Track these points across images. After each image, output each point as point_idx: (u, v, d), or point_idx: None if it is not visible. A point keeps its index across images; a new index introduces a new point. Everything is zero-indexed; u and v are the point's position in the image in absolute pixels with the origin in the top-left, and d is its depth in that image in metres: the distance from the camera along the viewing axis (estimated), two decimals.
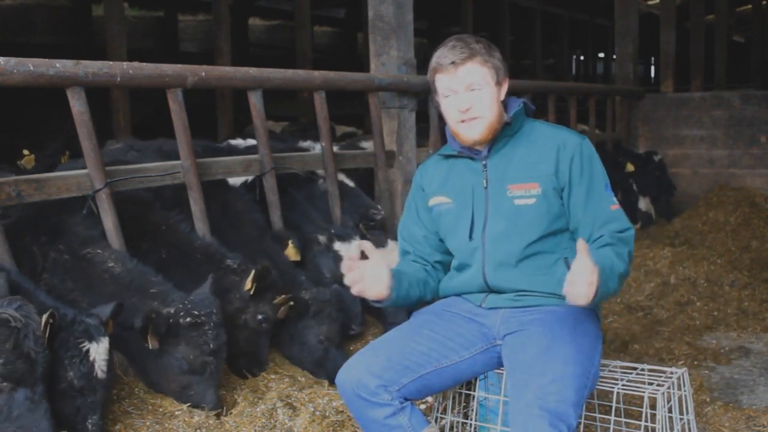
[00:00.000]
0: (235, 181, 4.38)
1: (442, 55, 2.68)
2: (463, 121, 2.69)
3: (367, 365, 2.54)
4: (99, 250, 3.40)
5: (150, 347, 3.11)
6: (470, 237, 2.74)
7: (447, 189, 2.82)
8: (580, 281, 2.33)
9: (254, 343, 3.63)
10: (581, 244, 2.34)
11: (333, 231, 4.20)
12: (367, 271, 2.57)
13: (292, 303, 3.64)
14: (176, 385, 3.23)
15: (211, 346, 3.18)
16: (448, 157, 2.87)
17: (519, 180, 2.70)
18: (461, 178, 2.80)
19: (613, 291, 2.51)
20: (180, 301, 3.21)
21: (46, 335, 2.65)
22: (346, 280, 2.57)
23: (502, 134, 2.74)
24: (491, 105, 2.68)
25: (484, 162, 2.76)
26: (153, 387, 3.31)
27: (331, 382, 3.68)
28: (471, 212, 2.75)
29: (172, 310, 3.15)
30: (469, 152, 2.78)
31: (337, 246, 4.13)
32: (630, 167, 7.80)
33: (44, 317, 2.67)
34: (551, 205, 2.68)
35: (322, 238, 4.12)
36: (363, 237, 4.25)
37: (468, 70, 2.65)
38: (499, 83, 2.71)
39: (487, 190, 2.74)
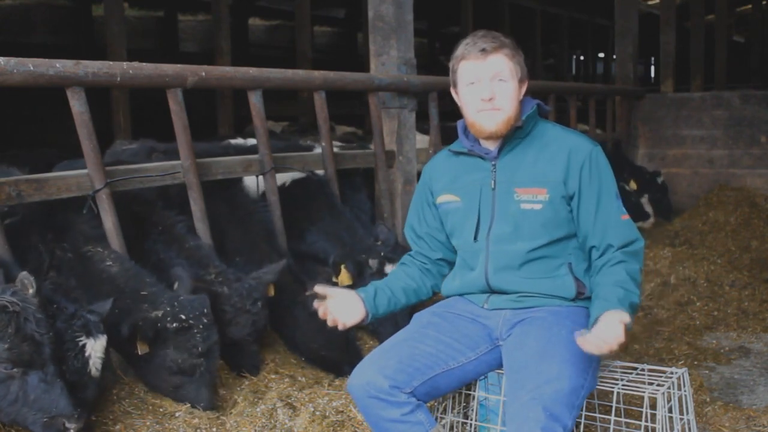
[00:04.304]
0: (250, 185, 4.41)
1: (471, 43, 2.65)
2: (483, 111, 2.65)
3: (379, 368, 2.54)
4: (99, 249, 3.41)
5: (139, 353, 3.11)
6: (475, 238, 2.73)
7: (455, 187, 2.81)
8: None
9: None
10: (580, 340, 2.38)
11: (383, 254, 4.12)
12: (332, 304, 2.72)
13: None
14: (168, 385, 3.24)
15: (200, 348, 3.18)
16: (457, 153, 2.84)
17: (527, 184, 2.67)
18: (470, 177, 2.78)
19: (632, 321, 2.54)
20: (168, 303, 3.20)
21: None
22: (321, 317, 2.74)
23: (513, 135, 2.71)
24: (513, 99, 2.65)
25: (493, 162, 2.73)
26: (149, 387, 3.32)
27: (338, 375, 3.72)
28: (477, 213, 2.74)
29: (160, 314, 3.15)
30: (479, 151, 2.75)
31: (388, 269, 4.04)
32: (633, 185, 7.80)
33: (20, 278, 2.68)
34: (557, 212, 2.66)
35: (373, 262, 4.06)
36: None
37: (497, 59, 2.62)
38: (521, 81, 2.69)
39: (495, 192, 2.72)
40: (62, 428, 2.63)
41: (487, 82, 2.63)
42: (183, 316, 3.17)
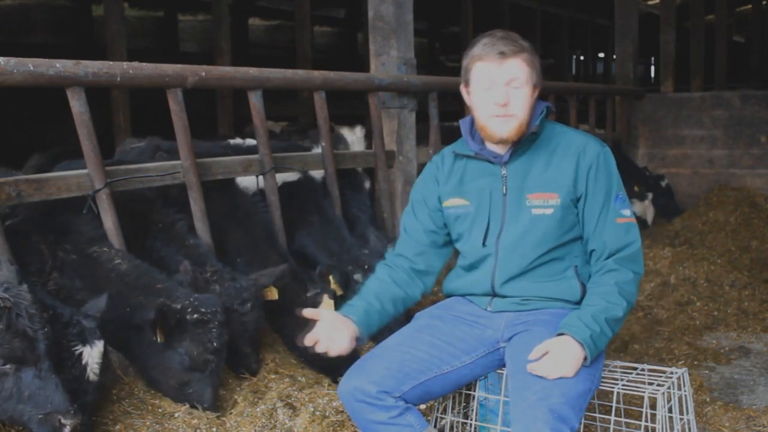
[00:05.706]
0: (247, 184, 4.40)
1: (489, 44, 2.56)
2: (496, 116, 2.59)
3: (366, 374, 2.53)
4: (105, 249, 3.41)
5: (158, 340, 3.11)
6: (484, 243, 2.70)
7: (464, 191, 2.75)
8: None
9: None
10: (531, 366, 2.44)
11: (367, 266, 4.06)
12: (322, 330, 2.61)
13: None
14: (176, 381, 3.23)
15: (215, 343, 3.20)
16: (462, 156, 2.78)
17: (539, 189, 2.64)
18: (479, 181, 2.73)
19: (612, 335, 2.56)
20: (186, 298, 3.22)
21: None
22: (308, 343, 2.62)
23: (525, 139, 2.66)
24: (526, 106, 2.59)
25: (503, 167, 2.69)
26: (151, 384, 3.31)
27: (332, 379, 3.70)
28: (488, 218, 2.70)
29: (179, 306, 3.16)
30: (487, 155, 2.70)
31: None
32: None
33: None
34: (567, 216, 2.64)
35: (358, 276, 4.02)
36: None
37: (514, 64, 2.55)
38: (535, 86, 2.62)
39: (506, 197, 2.68)
40: (58, 424, 2.59)
41: (502, 86, 2.57)
42: (203, 309, 3.18)
